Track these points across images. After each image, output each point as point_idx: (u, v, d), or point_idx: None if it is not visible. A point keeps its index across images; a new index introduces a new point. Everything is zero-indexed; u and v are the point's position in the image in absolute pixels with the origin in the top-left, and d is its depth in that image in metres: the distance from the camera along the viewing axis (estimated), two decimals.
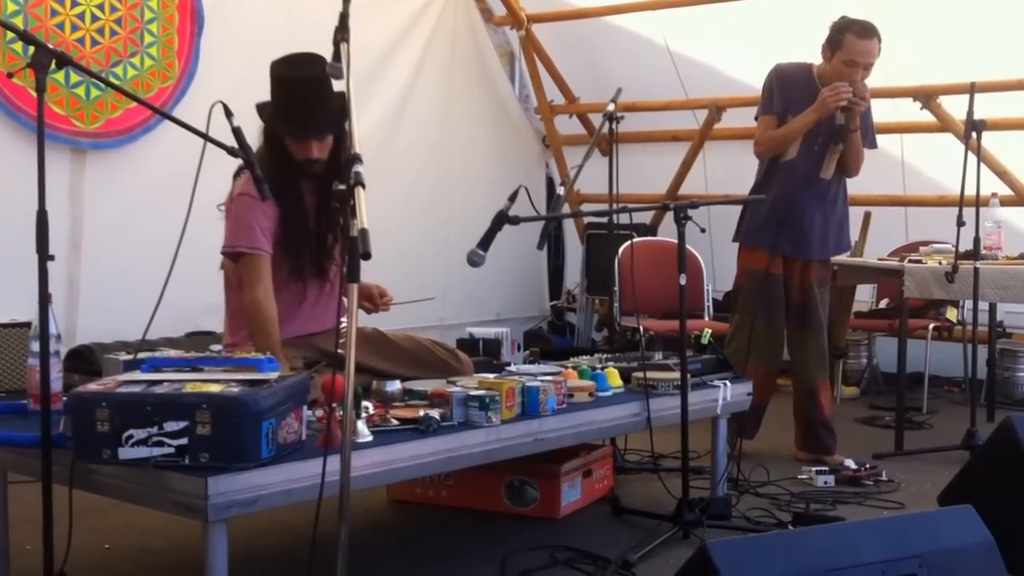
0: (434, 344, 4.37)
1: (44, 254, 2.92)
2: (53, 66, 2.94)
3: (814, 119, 5.17)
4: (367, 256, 2.44)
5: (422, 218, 8.08)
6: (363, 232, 2.44)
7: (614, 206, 5.37)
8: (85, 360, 5.71)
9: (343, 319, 2.90)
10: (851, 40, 5.11)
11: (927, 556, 2.51)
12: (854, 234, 6.97)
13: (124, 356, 4.07)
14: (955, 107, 6.79)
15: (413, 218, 7.95)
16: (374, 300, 4.31)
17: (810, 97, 5.19)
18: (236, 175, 4.02)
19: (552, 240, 9.07)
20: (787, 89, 5.31)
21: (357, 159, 2.60)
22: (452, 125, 8.39)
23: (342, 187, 2.61)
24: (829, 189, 5.39)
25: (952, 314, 6.97)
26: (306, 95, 3.88)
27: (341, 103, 3.72)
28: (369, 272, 2.56)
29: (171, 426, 2.81)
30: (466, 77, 8.56)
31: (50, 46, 2.97)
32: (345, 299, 2.62)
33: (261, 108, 4.03)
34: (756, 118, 5.45)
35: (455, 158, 8.42)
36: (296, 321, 4.11)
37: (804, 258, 5.40)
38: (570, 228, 9.30)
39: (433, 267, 7.91)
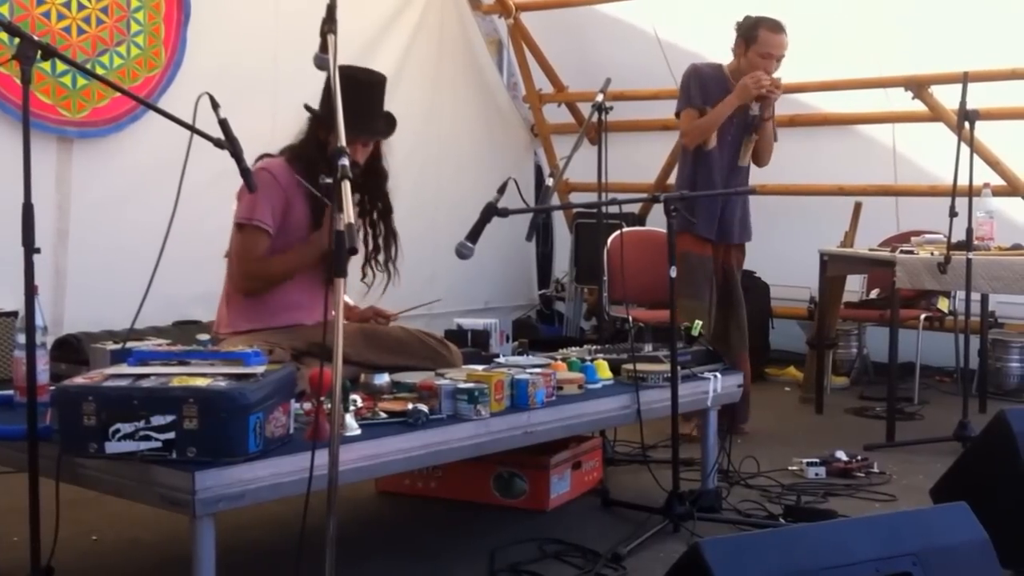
0: (423, 334, 4.34)
1: (30, 247, 2.89)
2: (38, 57, 2.91)
3: (736, 104, 5.49)
4: (354, 251, 2.42)
5: (409, 208, 7.93)
6: (348, 227, 2.41)
7: (603, 197, 5.37)
8: (72, 349, 5.67)
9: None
10: (765, 34, 5.52)
11: (921, 554, 2.50)
12: (844, 224, 6.99)
13: (111, 345, 4.04)
14: (947, 97, 6.79)
15: (400, 207, 7.83)
16: (383, 315, 4.34)
17: (725, 94, 5.54)
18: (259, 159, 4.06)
19: (540, 229, 9.05)
20: (705, 85, 5.61)
21: (343, 152, 2.56)
22: (439, 113, 8.34)
23: (328, 180, 2.58)
24: (745, 178, 5.71)
25: (944, 304, 6.96)
26: (374, 98, 4.07)
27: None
28: (357, 263, 2.53)
29: (158, 420, 2.78)
30: (453, 65, 8.52)
31: (35, 37, 2.93)
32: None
33: (312, 109, 4.10)
34: (677, 114, 5.70)
35: (442, 146, 8.37)
36: (290, 311, 4.11)
37: (726, 243, 5.71)
38: (559, 217, 9.28)
39: (420, 257, 7.81)
